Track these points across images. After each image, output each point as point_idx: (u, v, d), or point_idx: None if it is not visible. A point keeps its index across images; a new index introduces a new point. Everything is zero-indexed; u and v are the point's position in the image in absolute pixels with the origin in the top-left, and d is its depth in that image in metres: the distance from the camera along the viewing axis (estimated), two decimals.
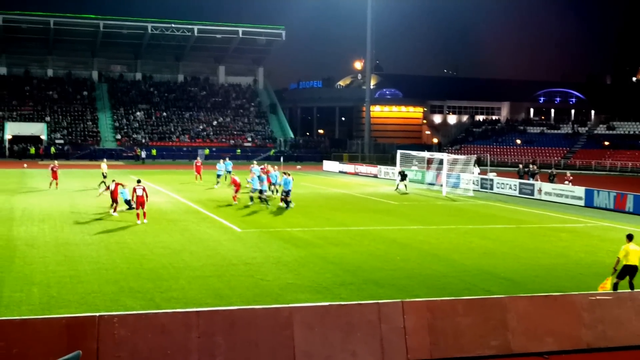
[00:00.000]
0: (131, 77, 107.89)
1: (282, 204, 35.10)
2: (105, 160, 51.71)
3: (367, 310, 12.35)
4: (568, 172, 50.81)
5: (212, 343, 11.43)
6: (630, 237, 16.75)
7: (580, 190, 40.93)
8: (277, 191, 40.44)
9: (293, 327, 11.81)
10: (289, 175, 35.42)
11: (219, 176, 47.81)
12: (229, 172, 47.84)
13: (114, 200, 30.68)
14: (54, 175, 43.01)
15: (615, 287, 16.03)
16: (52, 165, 44.26)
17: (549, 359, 12.43)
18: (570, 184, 44.00)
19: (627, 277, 16.15)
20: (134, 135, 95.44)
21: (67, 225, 27.22)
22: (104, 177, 44.63)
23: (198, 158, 57.51)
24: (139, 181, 29.21)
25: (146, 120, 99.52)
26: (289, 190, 34.77)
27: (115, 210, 30.50)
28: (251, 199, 35.68)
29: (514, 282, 18.34)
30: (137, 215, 28.36)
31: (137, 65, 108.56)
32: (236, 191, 36.46)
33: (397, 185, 48.82)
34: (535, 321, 12.85)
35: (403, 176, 48.67)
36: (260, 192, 35.90)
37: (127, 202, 31.06)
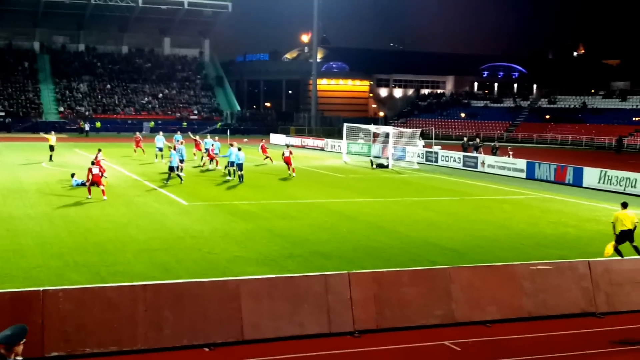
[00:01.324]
0: (74, 49, 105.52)
1: (228, 177, 35.04)
2: (53, 132, 50.32)
3: (314, 281, 12.48)
4: (509, 146, 51.71)
5: (160, 316, 11.42)
6: (624, 205, 17.93)
7: (522, 163, 41.72)
8: (218, 163, 40.50)
9: (240, 300, 11.88)
10: (239, 149, 34.90)
11: (160, 149, 46.23)
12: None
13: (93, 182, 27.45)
14: None
15: (617, 251, 17.34)
16: None
17: (491, 327, 12.76)
18: (512, 156, 44.89)
19: (627, 242, 17.55)
20: (77, 108, 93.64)
21: (9, 199, 26.72)
22: (52, 150, 43.64)
23: (137, 133, 55.62)
24: (99, 150, 29.25)
25: (90, 92, 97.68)
26: (241, 164, 34.40)
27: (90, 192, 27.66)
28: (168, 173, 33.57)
29: (458, 252, 18.70)
30: (89, 189, 27.44)
31: (80, 37, 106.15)
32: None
33: (380, 162, 47.63)
34: (478, 291, 13.15)
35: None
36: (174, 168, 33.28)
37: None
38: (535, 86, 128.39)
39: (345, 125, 56.07)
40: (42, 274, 15.28)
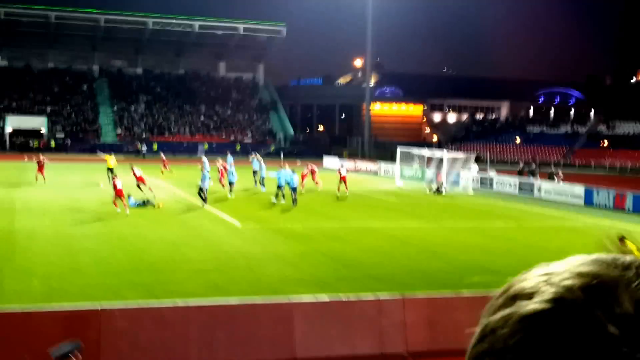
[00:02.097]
0: (132, 72, 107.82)
1: (274, 201, 34.76)
2: (112, 154, 50.04)
3: (368, 305, 12.40)
4: (559, 171, 50.88)
5: (212, 336, 11.46)
6: (621, 240, 16.82)
7: (579, 189, 40.96)
8: (258, 182, 41.17)
9: (293, 322, 11.85)
10: (293, 171, 34.82)
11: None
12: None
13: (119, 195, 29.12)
14: (40, 170, 41.92)
15: None
16: (38, 159, 43.00)
17: None
18: (561, 182, 44.21)
19: None
20: (135, 129, 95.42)
21: (67, 219, 27.25)
22: (111, 172, 43.63)
23: (162, 154, 56.61)
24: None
25: (146, 114, 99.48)
26: (295, 187, 34.40)
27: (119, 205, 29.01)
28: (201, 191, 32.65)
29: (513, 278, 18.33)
30: (115, 203, 28.38)
31: (138, 61, 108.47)
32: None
33: (434, 187, 46.50)
34: None
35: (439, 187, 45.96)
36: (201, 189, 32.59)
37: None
38: (592, 112, 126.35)
39: (399, 149, 55.83)
40: (98, 292, 15.48)
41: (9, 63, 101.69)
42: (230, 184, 36.80)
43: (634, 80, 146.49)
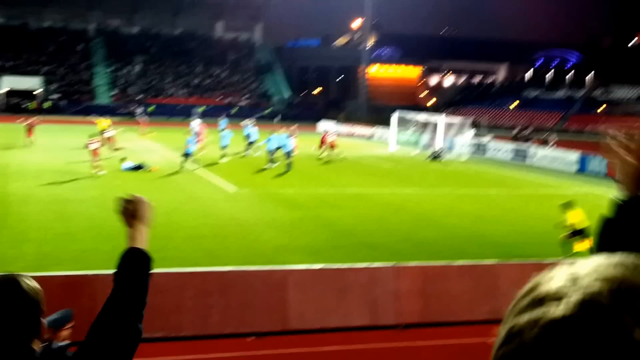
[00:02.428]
0: (128, 32, 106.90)
1: (269, 164, 34.48)
2: (108, 117, 48.16)
3: (361, 273, 12.46)
4: (551, 136, 50.95)
5: (206, 303, 11.53)
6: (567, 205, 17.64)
7: (573, 156, 40.99)
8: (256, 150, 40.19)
9: (287, 289, 11.92)
10: (288, 135, 34.94)
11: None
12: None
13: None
14: (30, 132, 41.67)
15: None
16: (30, 121, 42.62)
17: None
18: (554, 146, 44.55)
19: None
20: (129, 91, 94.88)
21: (61, 182, 27.22)
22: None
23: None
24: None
25: (142, 73, 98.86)
26: (290, 151, 34.25)
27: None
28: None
29: (506, 247, 18.46)
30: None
31: (135, 20, 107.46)
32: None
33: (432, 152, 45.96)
34: None
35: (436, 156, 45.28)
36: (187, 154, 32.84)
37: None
38: (592, 75, 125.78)
39: (394, 114, 55.67)
40: (92, 258, 15.52)
41: (5, 21, 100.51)
42: (222, 148, 36.48)
43: (633, 42, 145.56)
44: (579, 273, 0.94)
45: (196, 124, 43.06)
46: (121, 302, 2.78)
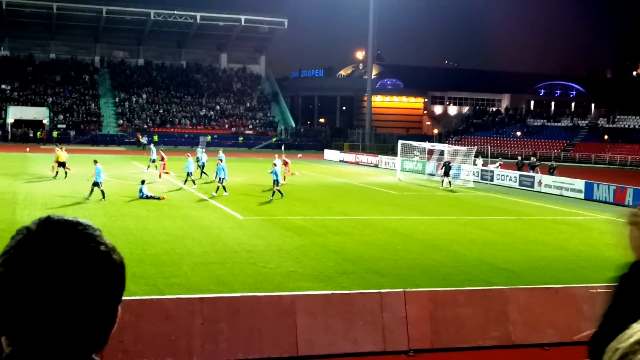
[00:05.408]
0: (134, 63, 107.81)
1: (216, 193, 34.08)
2: (62, 147, 45.88)
3: (370, 299, 12.46)
4: (555, 164, 51.01)
5: (216, 329, 11.53)
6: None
7: (580, 183, 41.03)
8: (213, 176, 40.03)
9: (296, 315, 11.91)
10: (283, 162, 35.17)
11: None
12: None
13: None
14: (60, 163, 40.91)
15: None
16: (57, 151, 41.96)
17: (549, 350, 12.54)
18: (556, 174, 45.11)
19: None
20: (136, 121, 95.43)
21: (70, 210, 27.30)
22: (63, 166, 41.49)
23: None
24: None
25: (148, 104, 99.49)
26: (276, 180, 33.53)
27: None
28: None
29: (514, 273, 18.44)
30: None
31: (140, 52, 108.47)
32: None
33: (442, 181, 44.59)
34: (535, 313, 12.95)
35: (447, 170, 44.43)
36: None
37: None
38: (593, 105, 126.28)
39: (400, 142, 55.91)
40: None
41: (11, 53, 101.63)
42: (220, 180, 35.38)
43: (635, 73, 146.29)
44: None
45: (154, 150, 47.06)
46: None
